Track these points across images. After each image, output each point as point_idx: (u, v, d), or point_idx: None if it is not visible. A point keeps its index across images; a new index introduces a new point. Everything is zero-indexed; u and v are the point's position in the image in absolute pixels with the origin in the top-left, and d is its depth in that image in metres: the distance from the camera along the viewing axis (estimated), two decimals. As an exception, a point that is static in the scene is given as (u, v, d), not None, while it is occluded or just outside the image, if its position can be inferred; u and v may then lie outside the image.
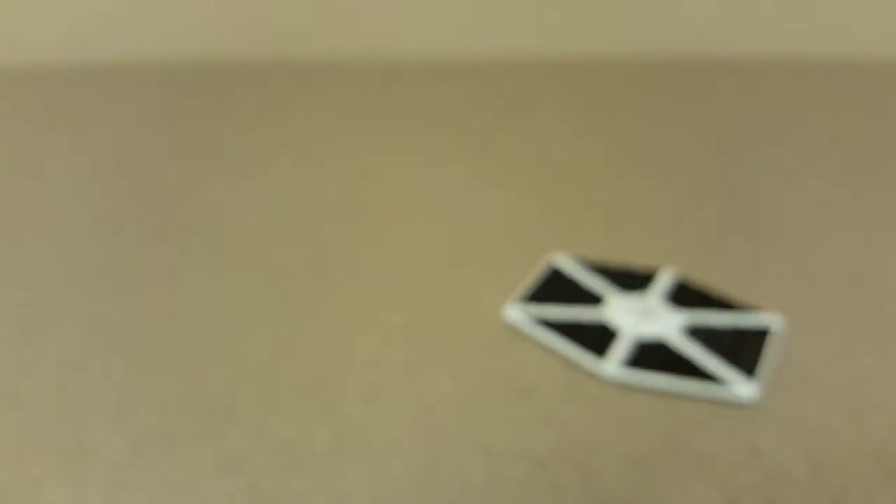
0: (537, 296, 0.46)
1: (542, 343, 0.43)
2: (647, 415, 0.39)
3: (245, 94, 0.75)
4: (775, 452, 0.37)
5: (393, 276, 0.49)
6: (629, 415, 0.39)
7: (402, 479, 0.36)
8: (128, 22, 0.83)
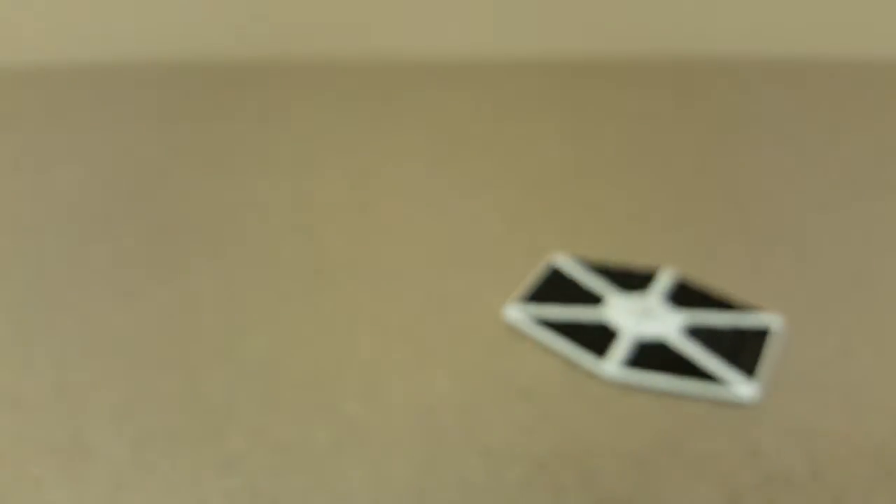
0: (537, 296, 0.46)
1: (542, 343, 0.43)
2: (646, 415, 0.39)
3: (245, 94, 0.75)
4: (775, 452, 0.37)
5: (393, 276, 0.49)
6: (629, 415, 0.39)
7: (401, 479, 0.36)
8: (128, 22, 0.83)
